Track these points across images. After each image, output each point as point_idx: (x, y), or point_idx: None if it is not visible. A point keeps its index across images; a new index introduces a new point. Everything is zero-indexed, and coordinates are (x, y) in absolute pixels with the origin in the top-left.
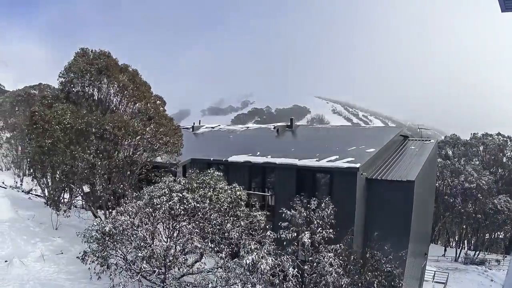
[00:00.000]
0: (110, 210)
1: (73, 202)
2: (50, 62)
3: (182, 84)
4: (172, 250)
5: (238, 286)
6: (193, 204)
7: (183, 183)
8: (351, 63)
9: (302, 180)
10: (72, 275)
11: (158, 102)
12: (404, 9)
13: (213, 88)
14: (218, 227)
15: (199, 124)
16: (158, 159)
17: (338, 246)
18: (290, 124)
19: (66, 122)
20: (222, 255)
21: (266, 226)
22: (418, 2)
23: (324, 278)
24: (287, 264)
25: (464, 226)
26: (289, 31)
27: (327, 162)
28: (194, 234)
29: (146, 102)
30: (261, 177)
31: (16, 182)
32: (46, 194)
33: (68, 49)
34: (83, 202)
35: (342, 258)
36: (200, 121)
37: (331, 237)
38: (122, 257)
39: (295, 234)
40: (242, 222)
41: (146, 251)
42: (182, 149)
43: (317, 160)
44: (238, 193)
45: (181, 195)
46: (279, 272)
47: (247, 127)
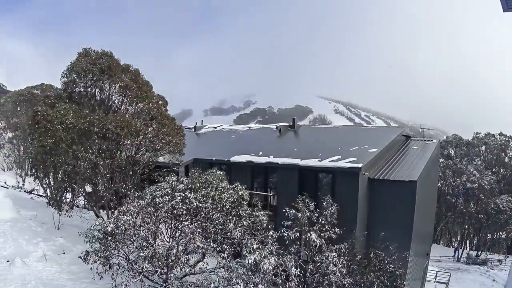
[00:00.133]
0: (112, 210)
1: (75, 202)
2: (40, 59)
3: (184, 84)
4: (174, 250)
5: (240, 286)
6: (195, 203)
7: (186, 183)
8: (353, 63)
9: (304, 180)
10: (74, 275)
11: (160, 102)
12: (406, 9)
13: (215, 88)
14: (220, 227)
15: (202, 124)
16: (161, 159)
17: (342, 246)
18: (292, 124)
19: (69, 122)
20: (225, 255)
21: (269, 226)
22: (420, 2)
23: (327, 278)
24: (290, 264)
25: (466, 226)
26: (291, 31)
27: (330, 162)
28: (197, 234)
29: (148, 102)
30: (263, 177)
31: (18, 182)
32: (48, 194)
33: (58, 47)
34: (85, 202)
35: (346, 258)
36: (202, 121)
37: (333, 237)
38: (124, 257)
39: (298, 234)
40: (245, 222)
41: (148, 251)
42: (185, 149)
43: (319, 160)
44: (240, 192)
45: (183, 195)
46: (282, 272)
47: (250, 127)
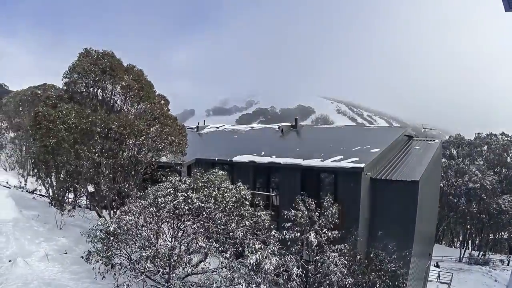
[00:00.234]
0: (115, 210)
1: (77, 201)
2: (32, 57)
3: (186, 84)
4: (176, 250)
5: (242, 286)
6: (197, 203)
7: (188, 183)
8: (356, 63)
9: (306, 180)
10: (76, 275)
11: (162, 102)
12: (408, 9)
13: (217, 88)
14: (222, 227)
15: (204, 124)
16: (163, 159)
17: (343, 246)
18: (294, 124)
19: (71, 122)
20: (227, 255)
21: (271, 226)
22: (423, 2)
23: (328, 277)
24: (291, 264)
25: (468, 226)
26: (293, 31)
27: (332, 162)
28: (199, 234)
29: (150, 102)
30: (265, 177)
31: (20, 182)
32: (51, 194)
33: (51, 43)
34: (88, 202)
35: (347, 258)
36: (204, 121)
37: (336, 237)
38: (127, 256)
39: (299, 234)
40: (247, 222)
41: (150, 251)
42: (187, 149)
43: (321, 160)
44: (242, 192)
45: (185, 195)
46: (283, 272)
47: (252, 127)
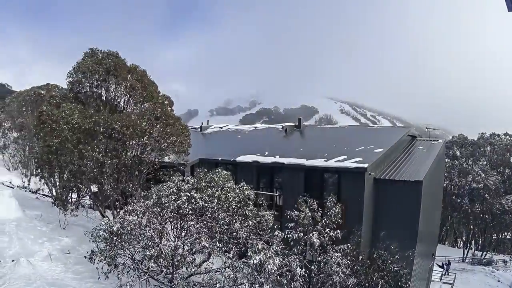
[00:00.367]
0: (118, 210)
1: (80, 201)
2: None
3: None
4: (180, 250)
5: (245, 286)
6: (201, 203)
7: (192, 183)
8: (359, 63)
9: (310, 180)
10: (79, 275)
11: (166, 102)
12: (411, 9)
13: (221, 88)
14: (226, 227)
15: (207, 124)
16: (166, 159)
17: (346, 246)
18: (298, 124)
19: (74, 122)
20: (230, 255)
21: (274, 226)
22: (425, 2)
23: (331, 278)
24: (295, 264)
25: (471, 227)
26: (296, 31)
27: (335, 162)
28: (202, 234)
29: (154, 102)
30: (269, 177)
31: (23, 182)
32: (54, 193)
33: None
34: (91, 202)
35: (350, 258)
36: (208, 121)
37: (339, 237)
38: (130, 256)
39: (302, 234)
40: (250, 222)
41: (153, 251)
42: (190, 149)
43: (325, 160)
44: (246, 192)
45: (189, 195)
46: (287, 272)
47: (255, 127)
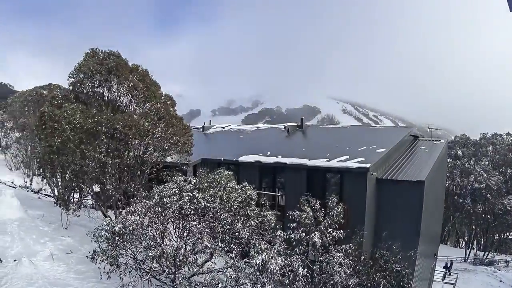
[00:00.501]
0: (120, 210)
1: (83, 201)
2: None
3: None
4: (182, 250)
5: (248, 286)
6: (203, 203)
7: (194, 183)
8: (362, 63)
9: (312, 180)
10: (81, 275)
11: (168, 102)
12: (413, 9)
13: (223, 88)
14: (228, 227)
15: (210, 124)
16: (169, 159)
17: (348, 246)
18: (300, 124)
19: (76, 122)
20: (232, 255)
21: (276, 226)
22: (428, 2)
23: (332, 278)
24: (297, 264)
25: (473, 227)
26: (298, 30)
27: (338, 162)
28: (204, 234)
29: (156, 102)
30: (271, 177)
31: (25, 182)
32: (56, 193)
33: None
34: (93, 202)
35: (352, 258)
36: (210, 121)
37: (341, 237)
38: (132, 256)
39: (304, 234)
40: (253, 222)
41: (156, 251)
42: (193, 149)
43: (327, 160)
44: (248, 192)
45: (191, 195)
46: (289, 272)
47: (258, 127)
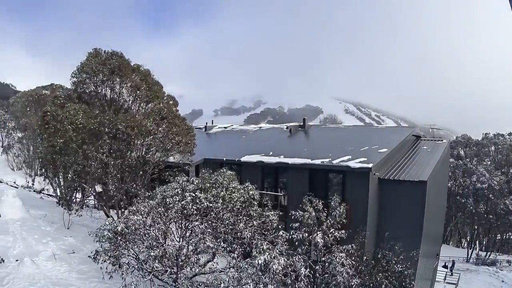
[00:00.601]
0: (123, 210)
1: (85, 201)
2: None
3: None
4: (184, 250)
5: (250, 286)
6: (205, 203)
7: (196, 183)
8: (364, 63)
9: (314, 180)
10: (83, 274)
11: (171, 102)
12: (416, 9)
13: (226, 88)
14: (230, 227)
15: (212, 124)
16: (171, 159)
17: (350, 246)
18: (302, 124)
19: (79, 122)
20: (235, 255)
21: (279, 226)
22: (431, 2)
23: (335, 278)
24: (299, 264)
25: (475, 227)
26: (301, 31)
27: (340, 162)
28: (207, 234)
29: (158, 102)
30: (273, 177)
31: (27, 182)
32: (58, 193)
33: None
34: (95, 202)
35: (354, 258)
36: (212, 121)
37: (343, 237)
38: (134, 256)
39: (306, 234)
40: (255, 222)
41: (158, 251)
42: (195, 149)
43: (329, 160)
44: (251, 192)
45: (193, 195)
46: (291, 272)
47: (260, 127)
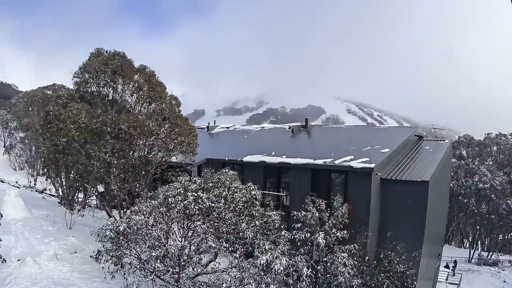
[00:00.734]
0: (125, 210)
1: (87, 201)
2: None
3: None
4: (186, 250)
5: (252, 286)
6: (208, 203)
7: (198, 183)
8: (366, 63)
9: (317, 180)
10: (85, 274)
11: (173, 102)
12: (419, 9)
13: (228, 88)
14: (232, 227)
15: (214, 124)
16: (173, 159)
17: (352, 246)
18: (305, 124)
19: (81, 122)
20: (237, 255)
21: (281, 226)
22: (434, 1)
23: (336, 278)
24: (301, 264)
25: (477, 227)
26: (303, 31)
27: (342, 162)
28: (209, 234)
29: (161, 102)
30: (276, 177)
31: (29, 182)
32: (60, 193)
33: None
34: (98, 202)
35: (356, 258)
36: (215, 121)
37: (345, 237)
38: (136, 256)
39: (308, 235)
40: (257, 222)
41: (160, 251)
42: (197, 149)
43: (332, 160)
44: (253, 192)
45: (196, 195)
46: (293, 272)
47: (262, 127)
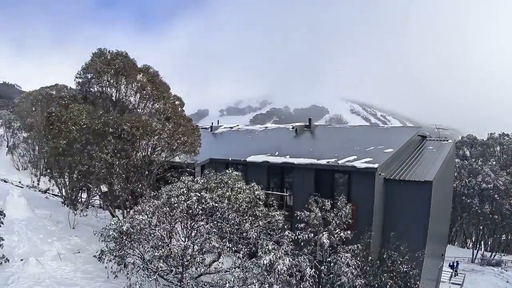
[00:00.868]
0: (128, 210)
1: (90, 201)
2: None
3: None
4: (189, 250)
5: (255, 286)
6: (211, 203)
7: (202, 183)
8: (370, 63)
9: (320, 180)
10: (89, 274)
11: (177, 102)
12: (422, 9)
13: (231, 88)
14: (236, 227)
15: (218, 124)
16: (176, 159)
17: (355, 246)
18: (308, 124)
19: (82, 123)
20: (240, 255)
21: (284, 226)
22: (438, 1)
23: (339, 278)
24: (304, 264)
25: (481, 227)
26: (306, 31)
27: (346, 162)
28: (212, 234)
29: (164, 102)
30: (279, 177)
31: (33, 182)
32: (63, 193)
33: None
34: (101, 202)
35: (359, 258)
36: (218, 121)
37: (348, 237)
38: (139, 256)
39: (312, 235)
40: (260, 222)
41: (163, 251)
42: (201, 149)
43: (335, 160)
44: (256, 192)
45: (199, 195)
46: (297, 272)
47: (266, 127)
